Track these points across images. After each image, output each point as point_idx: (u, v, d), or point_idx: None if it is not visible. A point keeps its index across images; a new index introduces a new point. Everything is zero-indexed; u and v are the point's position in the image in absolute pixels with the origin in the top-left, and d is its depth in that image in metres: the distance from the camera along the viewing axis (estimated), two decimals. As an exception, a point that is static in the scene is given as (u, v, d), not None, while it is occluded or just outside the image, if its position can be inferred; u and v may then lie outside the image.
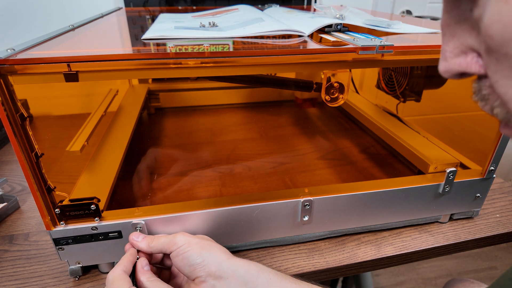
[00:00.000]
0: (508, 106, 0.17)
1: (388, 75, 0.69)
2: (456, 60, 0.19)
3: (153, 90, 0.85)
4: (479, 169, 0.52)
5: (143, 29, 0.54)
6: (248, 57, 0.39)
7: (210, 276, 0.35)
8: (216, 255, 0.37)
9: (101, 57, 0.35)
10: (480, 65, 0.18)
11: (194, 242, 0.38)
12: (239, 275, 0.35)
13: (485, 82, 0.19)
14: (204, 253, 0.36)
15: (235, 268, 0.36)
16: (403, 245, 0.51)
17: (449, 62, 0.19)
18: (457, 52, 0.19)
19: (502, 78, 0.17)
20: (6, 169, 0.69)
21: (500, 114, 0.18)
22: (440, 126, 0.67)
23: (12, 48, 0.36)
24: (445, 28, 0.19)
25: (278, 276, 0.37)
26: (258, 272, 0.36)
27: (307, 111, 0.88)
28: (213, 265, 0.36)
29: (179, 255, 0.37)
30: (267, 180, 0.60)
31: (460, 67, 0.19)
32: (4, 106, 0.33)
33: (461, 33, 0.19)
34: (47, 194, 0.40)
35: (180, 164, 0.64)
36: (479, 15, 0.17)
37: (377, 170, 0.63)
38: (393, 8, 1.37)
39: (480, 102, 0.20)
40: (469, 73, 0.19)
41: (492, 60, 0.17)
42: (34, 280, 0.45)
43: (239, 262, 0.37)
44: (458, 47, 0.19)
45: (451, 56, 0.19)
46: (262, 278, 0.36)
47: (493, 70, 0.17)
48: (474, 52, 0.18)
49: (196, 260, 0.36)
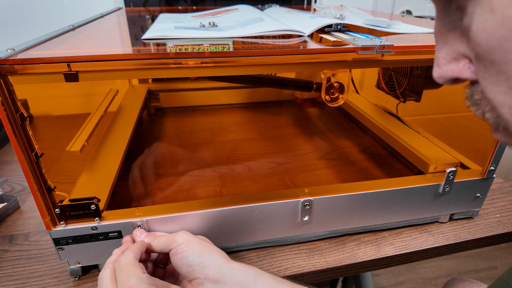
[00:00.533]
0: (498, 111, 0.17)
1: (388, 75, 0.69)
2: (449, 67, 0.20)
3: (153, 90, 0.85)
4: (479, 169, 0.52)
5: (143, 29, 0.54)
6: (248, 57, 0.39)
7: (207, 279, 0.35)
8: (215, 258, 0.37)
9: (101, 57, 0.35)
10: (472, 71, 0.19)
11: (194, 241, 0.38)
12: (236, 280, 0.35)
13: (476, 87, 0.19)
14: (204, 255, 0.36)
15: (233, 273, 0.36)
16: (403, 245, 0.51)
17: (442, 69, 0.20)
18: (450, 58, 0.20)
19: (491, 84, 0.17)
20: (6, 169, 0.69)
21: (491, 118, 0.19)
22: (440, 126, 0.67)
23: (12, 48, 0.36)
24: (438, 36, 0.20)
25: (276, 280, 0.37)
26: (255, 276, 0.36)
27: (307, 111, 0.88)
28: (211, 268, 0.36)
29: (178, 253, 0.37)
30: (267, 180, 0.60)
31: (453, 73, 0.20)
32: (4, 106, 0.33)
33: (453, 41, 0.19)
34: (47, 194, 0.40)
35: (180, 164, 0.64)
36: (468, 24, 0.17)
37: (377, 170, 0.63)
38: (393, 8, 1.37)
39: (472, 107, 0.20)
40: (462, 79, 0.20)
41: (481, 67, 0.17)
42: (34, 280, 0.45)
43: (237, 266, 0.37)
44: (451, 54, 0.19)
45: (444, 62, 0.20)
46: (259, 283, 0.36)
47: (482, 76, 0.17)
48: (466, 59, 0.19)
49: (196, 261, 0.36)
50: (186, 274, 0.36)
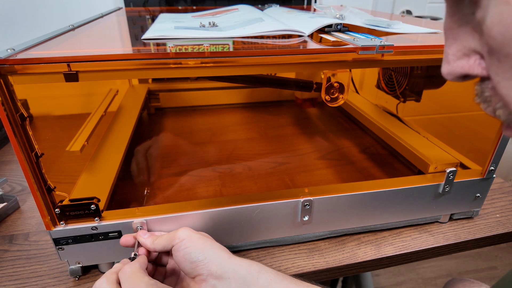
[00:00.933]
0: (511, 108, 0.17)
1: (388, 75, 0.69)
2: (458, 63, 0.19)
3: (153, 90, 0.85)
4: (479, 169, 0.52)
5: (143, 29, 0.54)
6: (248, 57, 0.38)
7: (211, 275, 0.35)
8: (218, 254, 0.37)
9: (101, 57, 0.35)
10: (483, 67, 0.19)
11: (196, 237, 0.37)
12: (239, 275, 0.35)
13: (487, 84, 0.19)
14: (206, 251, 0.36)
15: (236, 268, 0.36)
16: (403, 245, 0.51)
17: (451, 65, 0.20)
18: (460, 54, 0.19)
19: (504, 80, 0.17)
20: (6, 169, 0.69)
21: (503, 115, 0.19)
22: (440, 126, 0.67)
23: (12, 48, 0.36)
24: (448, 32, 0.20)
25: (279, 276, 0.37)
26: (258, 272, 0.36)
27: (307, 111, 0.88)
28: (214, 264, 0.36)
29: (180, 249, 0.37)
30: (267, 180, 0.60)
31: (462, 70, 0.19)
32: (4, 106, 0.33)
33: (464, 36, 0.19)
34: (47, 194, 0.40)
35: (180, 164, 0.64)
36: (481, 17, 0.17)
37: (377, 170, 0.63)
38: (393, 8, 1.37)
39: (483, 104, 0.20)
40: (472, 75, 0.19)
41: (494, 62, 0.17)
42: (34, 280, 0.45)
43: (240, 262, 0.37)
44: (461, 49, 0.19)
45: (454, 58, 0.20)
46: (262, 279, 0.36)
47: (495, 71, 0.17)
48: (477, 55, 0.19)
49: (199, 257, 0.36)
50: (189, 271, 0.36)
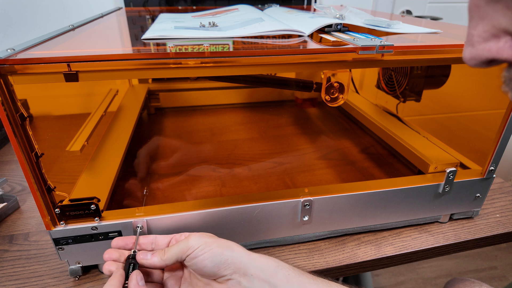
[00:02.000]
0: None
1: (388, 75, 0.69)
2: (485, 45, 0.17)
3: (153, 90, 0.85)
4: (479, 169, 0.52)
5: (143, 29, 0.54)
6: (248, 57, 0.38)
7: (236, 273, 0.35)
8: (237, 253, 0.37)
9: (101, 57, 0.35)
10: None
11: (211, 241, 0.37)
12: (260, 271, 0.36)
13: None
14: (226, 252, 0.36)
15: (256, 264, 0.36)
16: (403, 245, 0.51)
17: (476, 48, 0.18)
18: (487, 36, 0.17)
19: None
20: (6, 169, 0.69)
21: None
22: (440, 126, 0.67)
23: (12, 48, 0.36)
24: (474, 10, 0.17)
25: (296, 272, 0.37)
26: (276, 267, 0.36)
27: (307, 111, 0.88)
28: (237, 262, 0.36)
29: (197, 256, 0.36)
30: (267, 180, 0.60)
31: (489, 53, 0.17)
32: (4, 106, 0.33)
33: (494, 14, 0.17)
34: (47, 194, 0.40)
35: (180, 164, 0.64)
36: None
37: (377, 170, 0.63)
38: (393, 8, 1.37)
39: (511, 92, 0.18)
40: (500, 59, 0.17)
41: None
42: (34, 280, 0.45)
43: (259, 258, 0.37)
44: (489, 30, 0.17)
45: (480, 40, 0.17)
46: (281, 274, 0.36)
47: None
48: (508, 35, 0.17)
49: (221, 259, 0.36)
50: (212, 274, 0.36)
